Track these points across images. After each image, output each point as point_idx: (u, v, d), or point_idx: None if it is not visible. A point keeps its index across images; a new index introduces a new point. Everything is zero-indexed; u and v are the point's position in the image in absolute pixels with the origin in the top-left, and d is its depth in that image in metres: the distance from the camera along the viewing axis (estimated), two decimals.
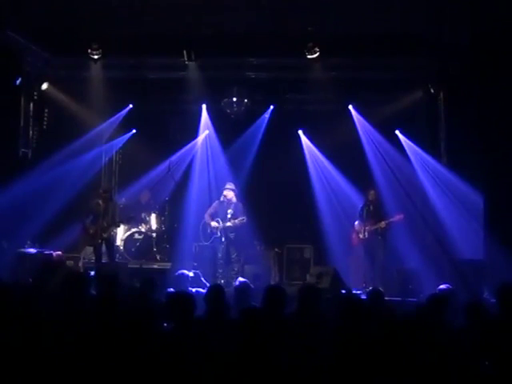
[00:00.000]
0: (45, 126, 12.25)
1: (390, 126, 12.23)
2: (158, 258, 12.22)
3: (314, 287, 6.19)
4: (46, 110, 12.28)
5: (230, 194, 11.37)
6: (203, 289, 8.50)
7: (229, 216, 11.22)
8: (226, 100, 12.71)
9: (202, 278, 10.08)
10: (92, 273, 8.32)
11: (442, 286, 7.32)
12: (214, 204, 11.59)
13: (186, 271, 8.61)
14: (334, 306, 5.42)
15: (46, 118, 12.26)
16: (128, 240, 12.12)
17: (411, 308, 5.77)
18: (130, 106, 12.81)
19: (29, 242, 10.78)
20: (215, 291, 5.82)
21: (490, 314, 5.56)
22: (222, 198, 11.44)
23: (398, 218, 10.81)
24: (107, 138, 13.18)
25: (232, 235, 11.24)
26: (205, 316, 5.37)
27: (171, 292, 6.71)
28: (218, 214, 11.36)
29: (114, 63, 11.84)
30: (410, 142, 12.14)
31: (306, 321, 5.29)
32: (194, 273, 8.77)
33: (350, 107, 12.61)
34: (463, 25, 10.02)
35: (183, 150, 13.08)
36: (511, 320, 5.45)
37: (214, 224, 11.24)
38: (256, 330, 4.57)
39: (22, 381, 4.30)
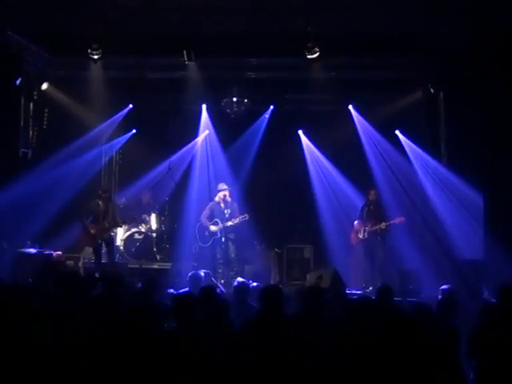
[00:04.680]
0: (45, 126, 12.23)
1: (390, 126, 12.24)
2: (158, 258, 12.23)
3: (316, 287, 6.19)
4: (46, 110, 12.26)
5: (225, 193, 11.34)
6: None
7: (227, 216, 11.21)
8: (225, 100, 12.71)
9: (213, 278, 10.07)
10: (96, 274, 8.31)
11: (443, 287, 7.33)
12: (210, 205, 11.56)
13: (201, 271, 8.59)
14: (341, 307, 5.42)
15: (45, 118, 12.24)
16: (128, 240, 12.12)
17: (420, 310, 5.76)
18: (130, 106, 12.81)
19: (29, 242, 10.76)
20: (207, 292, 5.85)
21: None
22: (216, 199, 11.42)
23: (398, 220, 10.82)
24: (107, 138, 13.18)
25: (232, 235, 11.24)
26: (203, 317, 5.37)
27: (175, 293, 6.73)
28: (215, 215, 11.34)
29: (114, 63, 11.82)
30: (409, 142, 12.14)
31: (309, 321, 5.28)
32: (205, 273, 8.75)
33: (350, 107, 12.61)
34: (463, 25, 10.01)
35: (183, 150, 13.08)
36: None
37: (213, 228, 11.22)
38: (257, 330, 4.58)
39: (22, 380, 4.30)
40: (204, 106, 13.13)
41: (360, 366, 4.43)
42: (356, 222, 11.23)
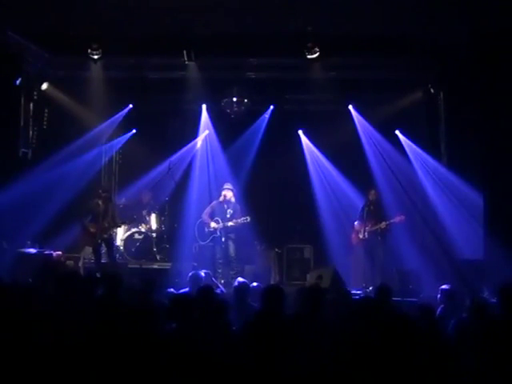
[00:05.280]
0: (45, 126, 12.24)
1: (390, 126, 12.23)
2: (158, 258, 12.23)
3: (317, 287, 6.19)
4: (46, 110, 12.27)
5: (229, 193, 11.38)
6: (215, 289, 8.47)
7: (228, 216, 11.23)
8: (225, 100, 12.71)
9: (213, 278, 10.07)
10: (97, 274, 8.32)
11: (443, 287, 7.33)
12: (213, 204, 11.61)
13: (201, 272, 8.59)
14: (346, 307, 5.42)
15: (45, 118, 12.25)
16: (128, 240, 12.12)
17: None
18: (130, 106, 12.81)
19: (29, 242, 10.77)
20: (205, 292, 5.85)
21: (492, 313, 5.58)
22: (221, 198, 11.44)
23: (399, 219, 10.81)
24: (107, 137, 13.17)
25: (232, 235, 11.24)
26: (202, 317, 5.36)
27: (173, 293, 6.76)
28: (217, 214, 11.37)
29: (114, 63, 11.83)
30: (410, 142, 12.15)
31: (310, 321, 5.28)
32: (205, 273, 8.75)
33: (350, 107, 12.61)
34: (463, 25, 10.02)
35: (183, 150, 13.07)
36: None
37: (213, 225, 11.25)
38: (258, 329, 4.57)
39: (22, 381, 4.30)
40: (204, 106, 13.13)
41: (360, 366, 4.43)
42: (356, 223, 11.21)
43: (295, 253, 12.13)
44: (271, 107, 13.08)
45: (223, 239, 11.21)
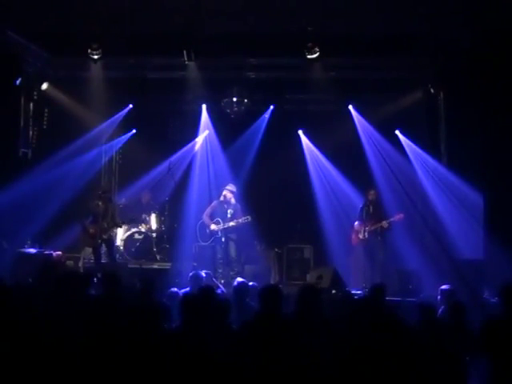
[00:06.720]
0: (45, 126, 12.25)
1: (390, 125, 12.23)
2: (158, 258, 12.23)
3: (313, 287, 6.18)
4: (46, 110, 12.29)
5: (228, 194, 11.37)
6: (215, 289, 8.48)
7: (229, 216, 11.22)
8: (225, 100, 12.71)
9: (214, 279, 10.06)
10: (98, 274, 8.32)
11: (443, 287, 7.33)
12: (213, 204, 11.61)
13: (202, 272, 8.59)
14: (342, 307, 5.42)
15: (45, 118, 12.26)
16: (128, 240, 12.12)
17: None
18: (130, 106, 12.81)
19: (29, 242, 10.78)
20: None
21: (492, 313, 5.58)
22: (221, 198, 11.45)
23: (398, 217, 10.81)
24: (107, 137, 13.17)
25: (232, 235, 11.24)
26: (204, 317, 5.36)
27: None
28: (217, 215, 11.36)
29: (114, 63, 11.84)
30: (410, 142, 12.14)
31: (306, 321, 5.28)
32: (206, 273, 8.75)
33: (350, 107, 12.61)
34: (463, 24, 10.02)
35: (183, 150, 13.08)
36: None
37: (213, 227, 11.23)
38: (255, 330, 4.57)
39: (22, 381, 4.30)
40: (204, 106, 13.13)
41: (359, 365, 4.43)
42: (356, 223, 11.21)
43: (295, 253, 12.13)
44: (271, 107, 13.08)
45: (223, 239, 11.20)
